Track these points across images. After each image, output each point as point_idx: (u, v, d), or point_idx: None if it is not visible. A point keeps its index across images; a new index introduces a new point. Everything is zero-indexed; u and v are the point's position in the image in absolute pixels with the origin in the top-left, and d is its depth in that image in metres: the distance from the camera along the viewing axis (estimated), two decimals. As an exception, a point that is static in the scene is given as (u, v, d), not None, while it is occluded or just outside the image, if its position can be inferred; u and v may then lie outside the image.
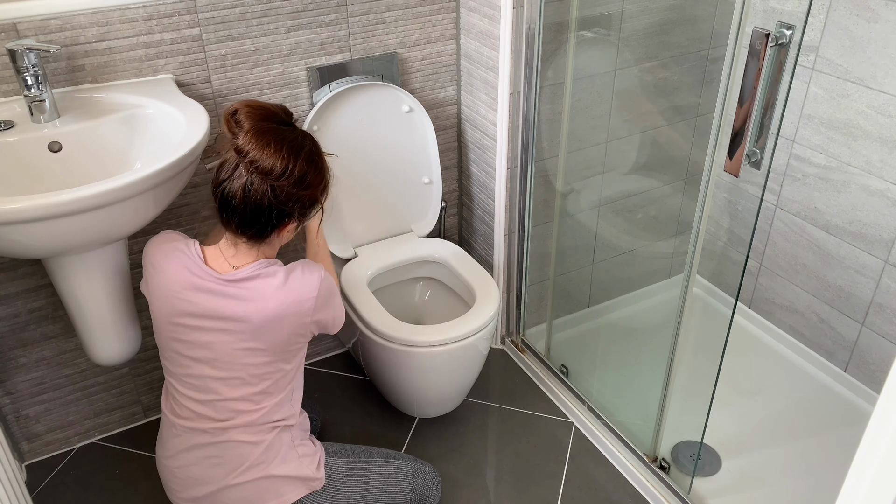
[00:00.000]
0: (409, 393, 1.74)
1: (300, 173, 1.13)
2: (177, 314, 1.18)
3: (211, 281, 1.17)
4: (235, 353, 1.18)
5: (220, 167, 1.14)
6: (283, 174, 1.11)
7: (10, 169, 1.32)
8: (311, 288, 1.19)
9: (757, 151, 1.23)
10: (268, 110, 1.15)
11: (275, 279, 1.17)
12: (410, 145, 1.82)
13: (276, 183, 1.11)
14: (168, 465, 1.28)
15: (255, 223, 1.15)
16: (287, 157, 1.11)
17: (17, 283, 1.55)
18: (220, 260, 1.19)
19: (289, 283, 1.18)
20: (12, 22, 1.35)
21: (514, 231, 1.93)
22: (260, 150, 1.10)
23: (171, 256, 1.20)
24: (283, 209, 1.14)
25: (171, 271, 1.19)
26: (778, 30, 1.14)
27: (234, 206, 1.13)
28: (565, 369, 1.92)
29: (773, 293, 2.08)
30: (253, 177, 1.10)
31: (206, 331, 1.18)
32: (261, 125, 1.12)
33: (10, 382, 1.64)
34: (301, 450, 1.28)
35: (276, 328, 1.17)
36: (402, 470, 1.41)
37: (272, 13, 1.58)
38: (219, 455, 1.23)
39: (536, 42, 1.66)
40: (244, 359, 1.19)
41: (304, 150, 1.14)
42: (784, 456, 1.75)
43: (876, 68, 1.66)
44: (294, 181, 1.12)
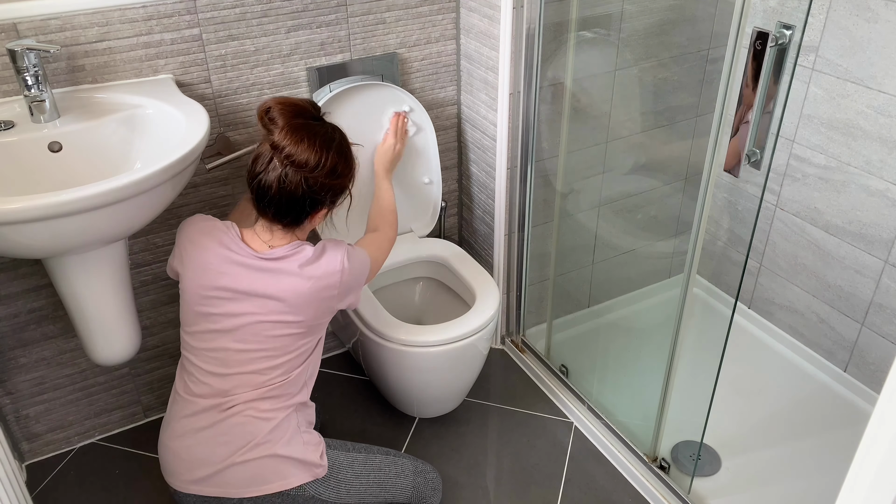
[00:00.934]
0: (409, 393, 1.74)
1: (332, 165, 1.21)
2: (211, 287, 1.24)
3: (249, 257, 1.23)
4: (263, 325, 1.23)
5: (255, 160, 1.21)
6: (316, 167, 1.19)
7: (10, 169, 1.32)
8: (336, 267, 1.26)
9: (757, 151, 1.23)
10: (299, 106, 1.22)
11: (309, 258, 1.24)
12: (410, 145, 1.82)
13: (309, 175, 1.19)
14: (172, 445, 1.29)
15: (291, 211, 1.22)
16: (320, 151, 1.19)
17: (17, 283, 1.55)
18: (256, 241, 1.26)
19: (322, 259, 1.25)
20: (12, 22, 1.35)
21: (514, 231, 1.93)
22: (295, 145, 1.17)
23: (211, 234, 1.26)
24: (315, 198, 1.22)
25: (211, 247, 1.25)
26: (778, 30, 1.14)
27: (271, 196, 1.20)
28: (565, 369, 1.92)
29: (773, 293, 2.08)
30: (287, 169, 1.18)
31: (239, 302, 1.23)
32: (294, 121, 1.19)
33: (10, 382, 1.64)
34: (306, 437, 1.31)
35: (309, 304, 1.24)
36: (403, 467, 1.42)
37: (272, 13, 1.58)
38: (227, 432, 1.25)
39: (536, 42, 1.66)
40: (270, 331, 1.24)
41: (335, 143, 1.23)
42: (784, 456, 1.75)
43: (876, 68, 1.66)
44: (327, 172, 1.20)
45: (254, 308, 1.23)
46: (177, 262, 1.30)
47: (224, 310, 1.24)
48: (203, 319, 1.26)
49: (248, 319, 1.23)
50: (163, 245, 1.68)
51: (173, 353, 1.82)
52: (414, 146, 1.82)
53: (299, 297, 1.23)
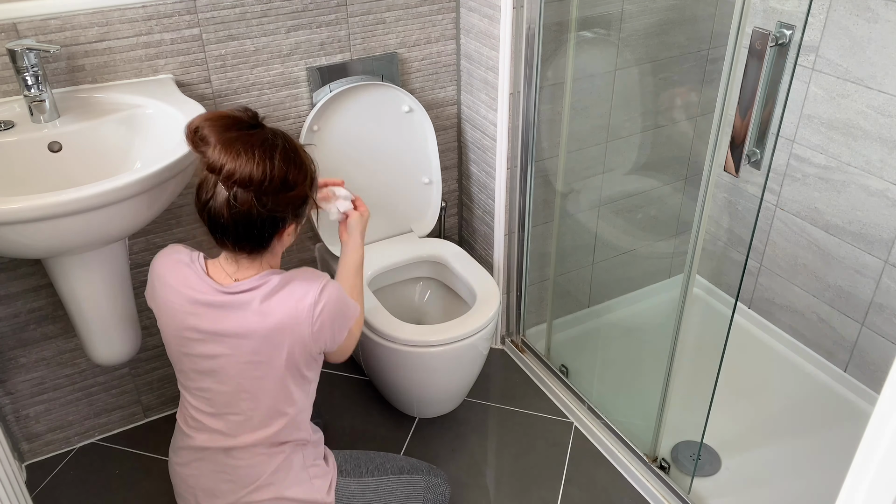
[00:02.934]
0: (409, 393, 1.74)
1: (280, 175, 1.06)
2: (183, 327, 1.16)
3: (211, 294, 1.13)
4: (241, 366, 1.15)
5: (199, 188, 1.09)
6: (263, 180, 1.04)
7: (10, 169, 1.32)
8: (310, 297, 1.13)
9: (757, 151, 1.23)
10: (230, 118, 1.08)
11: (273, 289, 1.13)
12: (410, 145, 1.82)
13: (259, 192, 1.05)
14: (180, 472, 1.28)
15: (250, 237, 1.10)
16: (262, 162, 1.04)
17: (17, 283, 1.55)
18: (221, 273, 1.16)
19: (286, 291, 1.13)
20: (12, 22, 1.35)
21: (514, 231, 1.93)
22: (233, 161, 1.03)
23: (175, 270, 1.17)
24: (273, 216, 1.09)
25: (175, 285, 1.16)
26: (778, 30, 1.14)
27: (224, 224, 1.07)
28: (565, 369, 1.92)
29: (773, 293, 2.08)
30: (234, 190, 1.04)
31: (210, 343, 1.15)
32: (226, 135, 1.05)
33: (10, 382, 1.64)
34: (313, 471, 1.25)
35: (279, 341, 1.13)
36: (415, 486, 1.39)
37: (272, 13, 1.58)
38: (230, 473, 1.21)
39: (536, 42, 1.65)
40: (250, 372, 1.16)
41: (279, 149, 1.07)
42: (784, 456, 1.75)
43: (876, 68, 1.66)
44: (278, 185, 1.06)
45: (225, 349, 1.14)
46: (149, 298, 1.23)
47: (199, 351, 1.16)
48: (185, 359, 1.18)
49: (223, 362, 1.15)
50: (162, 245, 1.68)
51: (173, 353, 1.82)
52: (414, 146, 1.82)
53: (263, 335, 1.12)
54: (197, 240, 1.71)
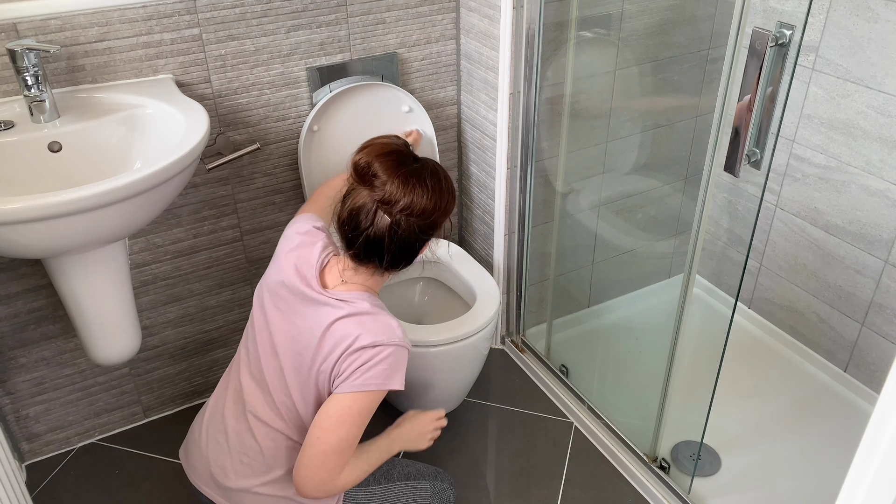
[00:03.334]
0: (408, 393, 1.74)
1: (443, 205, 1.17)
2: (272, 286, 1.21)
3: (306, 288, 1.18)
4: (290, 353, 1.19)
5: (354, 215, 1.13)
6: (434, 211, 1.15)
7: (10, 169, 1.32)
8: (364, 341, 1.12)
9: (757, 151, 1.23)
10: (398, 153, 1.16)
11: (353, 313, 1.15)
12: (410, 145, 1.81)
13: (424, 219, 1.15)
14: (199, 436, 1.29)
15: (404, 258, 1.18)
16: (434, 195, 1.15)
17: (17, 283, 1.55)
18: (334, 272, 1.20)
19: (358, 321, 1.14)
20: (12, 22, 1.35)
21: (514, 231, 1.93)
22: (409, 196, 1.12)
23: (305, 248, 1.22)
24: (426, 238, 1.19)
25: (287, 268, 1.20)
26: (778, 30, 1.14)
27: (383, 249, 1.14)
28: (565, 369, 1.92)
29: (773, 293, 2.08)
30: (398, 217, 1.12)
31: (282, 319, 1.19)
32: (400, 171, 1.13)
33: (10, 382, 1.64)
34: None
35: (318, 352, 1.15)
36: (421, 492, 1.39)
37: (272, 13, 1.58)
38: (249, 453, 1.23)
39: (536, 42, 1.66)
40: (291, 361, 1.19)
41: (441, 179, 1.18)
42: (784, 456, 1.75)
43: (876, 68, 1.66)
44: (441, 213, 1.17)
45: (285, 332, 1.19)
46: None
47: (269, 315, 1.22)
48: (258, 314, 1.24)
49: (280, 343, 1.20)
50: (163, 245, 1.68)
51: (173, 353, 1.82)
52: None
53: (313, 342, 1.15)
54: (197, 240, 1.71)
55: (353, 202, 1.14)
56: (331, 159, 1.73)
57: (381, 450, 1.28)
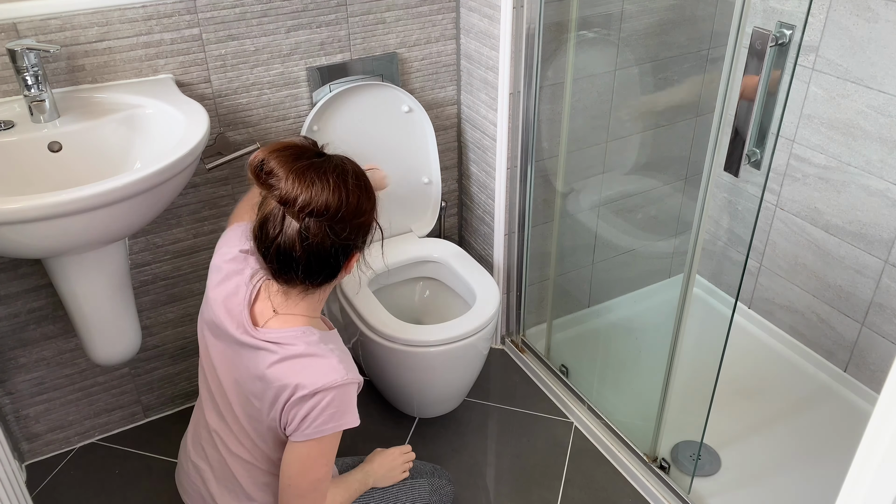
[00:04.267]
0: (409, 393, 1.74)
1: (354, 201, 1.03)
2: (208, 323, 1.17)
3: (238, 330, 1.11)
4: (237, 397, 1.15)
5: (263, 224, 1.03)
6: (339, 207, 1.01)
7: (10, 169, 1.32)
8: (306, 388, 1.05)
9: (757, 151, 1.23)
10: (297, 147, 1.04)
11: (290, 357, 1.08)
12: (410, 145, 1.82)
13: (333, 220, 1.01)
14: (185, 465, 1.29)
15: (323, 268, 1.05)
16: (338, 189, 1.01)
17: (17, 283, 1.55)
18: (266, 307, 1.12)
19: (297, 366, 1.07)
20: (12, 22, 1.35)
21: (514, 231, 1.93)
22: (308, 191, 0.98)
23: (232, 279, 1.15)
24: (346, 244, 1.05)
25: (219, 301, 1.14)
26: (778, 30, 1.14)
27: (296, 258, 1.02)
28: (565, 369, 1.92)
29: (773, 293, 2.08)
30: (307, 222, 1.00)
31: (215, 355, 1.16)
32: (297, 165, 1.00)
33: (10, 382, 1.64)
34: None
35: (263, 399, 1.09)
36: (420, 490, 1.39)
37: (272, 13, 1.58)
38: (231, 483, 1.22)
39: (536, 42, 1.66)
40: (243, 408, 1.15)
41: (350, 174, 1.04)
42: (784, 456, 1.75)
43: (876, 68, 1.66)
44: (352, 212, 1.03)
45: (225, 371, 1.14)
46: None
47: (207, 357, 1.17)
48: (203, 353, 1.20)
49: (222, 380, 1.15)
50: (163, 245, 1.68)
51: (173, 353, 1.82)
52: (414, 146, 1.82)
53: (254, 389, 1.09)
54: (197, 240, 1.71)
55: (262, 210, 1.03)
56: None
57: (359, 481, 1.29)
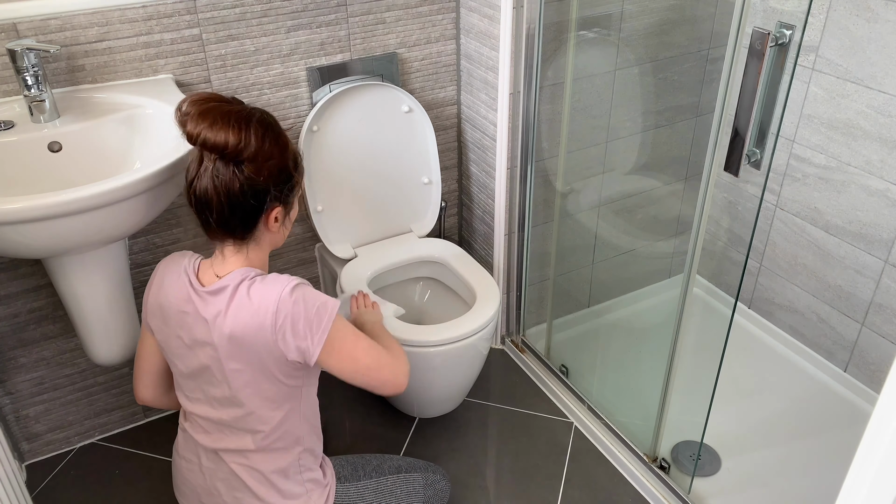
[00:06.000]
0: (409, 393, 1.74)
1: (258, 141, 1.07)
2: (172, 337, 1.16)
3: (186, 300, 1.12)
4: (221, 369, 1.14)
5: (187, 169, 1.10)
6: (238, 145, 1.05)
7: (10, 169, 1.32)
8: (270, 300, 1.08)
9: (757, 151, 1.24)
10: (211, 94, 1.11)
11: (241, 291, 1.10)
12: (410, 145, 1.82)
13: (239, 160, 1.06)
14: (179, 463, 1.28)
15: (235, 215, 1.09)
16: (238, 127, 1.05)
17: (17, 283, 1.55)
18: (208, 272, 1.14)
19: (249, 295, 1.09)
20: (12, 22, 1.35)
21: (514, 231, 1.93)
22: (209, 129, 1.04)
23: (174, 271, 1.17)
24: (256, 189, 1.08)
25: (170, 285, 1.16)
26: (778, 30, 1.14)
27: (208, 201, 1.08)
28: (565, 369, 1.92)
29: (773, 293, 2.08)
30: (217, 164, 1.06)
31: (195, 347, 1.14)
32: (204, 106, 1.07)
33: (10, 382, 1.64)
34: (309, 484, 1.24)
35: (246, 345, 1.10)
36: (414, 484, 1.39)
37: (272, 13, 1.58)
38: (224, 477, 1.21)
39: (536, 42, 1.66)
40: (230, 376, 1.13)
41: (255, 117, 1.08)
42: (784, 456, 1.75)
43: (876, 68, 1.66)
44: (254, 151, 1.06)
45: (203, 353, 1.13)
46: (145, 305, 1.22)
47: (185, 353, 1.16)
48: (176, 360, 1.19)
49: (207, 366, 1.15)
50: (162, 245, 1.68)
51: (173, 353, 1.82)
52: (414, 146, 1.82)
53: (229, 343, 1.09)
54: (197, 240, 1.71)
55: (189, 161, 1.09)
56: (330, 159, 1.73)
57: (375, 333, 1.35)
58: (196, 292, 1.12)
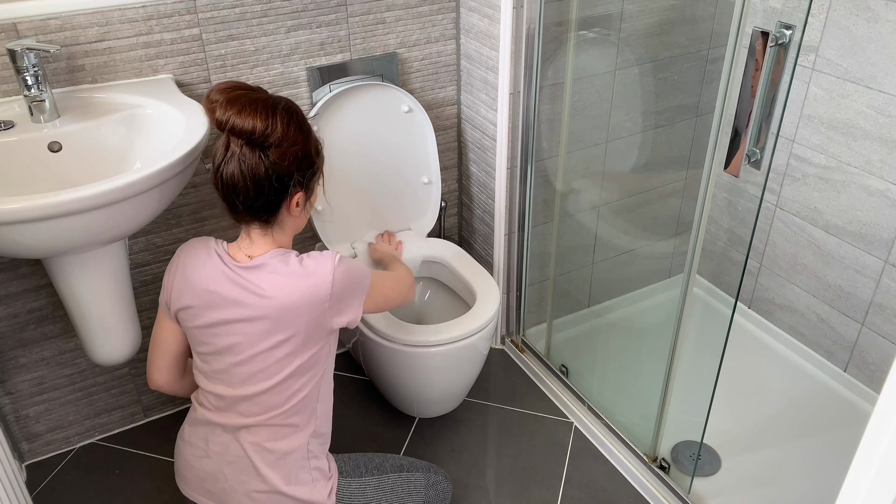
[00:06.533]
0: (409, 393, 1.74)
1: (283, 128, 1.12)
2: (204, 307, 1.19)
3: (232, 269, 1.17)
4: (256, 343, 1.18)
5: (214, 155, 1.14)
6: (265, 131, 1.11)
7: (10, 169, 1.32)
8: (326, 272, 1.17)
9: (757, 151, 1.23)
10: (238, 82, 1.17)
11: (286, 266, 1.17)
12: (410, 145, 1.82)
13: (265, 146, 1.11)
14: (184, 451, 1.28)
15: (260, 198, 1.14)
16: (264, 114, 1.11)
17: (17, 283, 1.55)
18: (238, 253, 1.20)
19: (302, 268, 1.17)
20: (12, 22, 1.35)
21: (514, 231, 1.93)
22: (237, 115, 1.10)
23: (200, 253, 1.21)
24: (280, 173, 1.13)
25: (199, 266, 1.20)
26: (778, 30, 1.14)
27: (235, 185, 1.13)
28: (565, 369, 1.92)
29: (773, 293, 2.08)
30: (243, 149, 1.11)
31: (229, 323, 1.18)
32: (232, 94, 1.12)
33: (10, 382, 1.64)
34: (315, 473, 1.26)
35: (294, 316, 1.16)
36: (415, 483, 1.39)
37: (272, 13, 1.58)
38: (233, 460, 1.22)
39: (536, 42, 1.66)
40: (265, 349, 1.18)
41: (281, 105, 1.14)
42: (784, 456, 1.75)
43: (876, 68, 1.66)
44: (279, 137, 1.12)
45: (245, 327, 1.17)
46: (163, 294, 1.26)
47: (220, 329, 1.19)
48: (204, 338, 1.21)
49: (244, 340, 1.18)
50: (162, 245, 1.68)
51: (173, 353, 1.82)
52: (413, 146, 1.82)
53: (281, 310, 1.15)
54: (197, 240, 1.71)
55: (214, 145, 1.14)
56: (330, 159, 1.73)
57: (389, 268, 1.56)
58: (232, 269, 1.17)
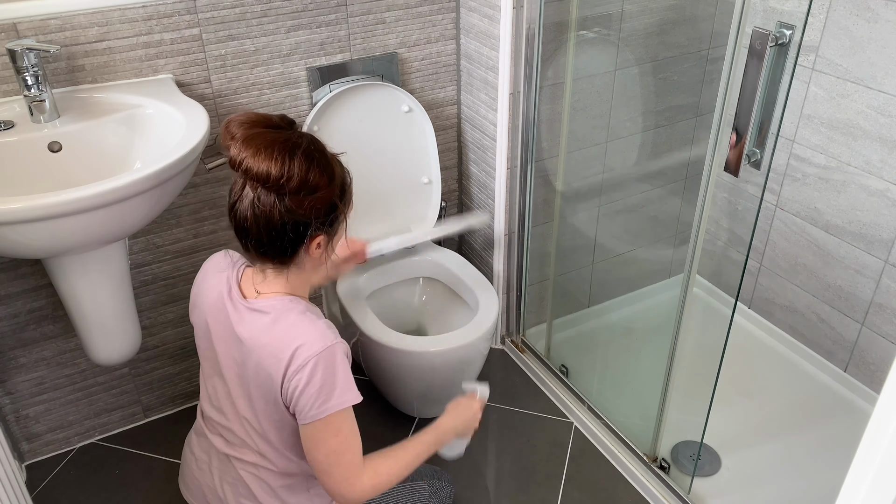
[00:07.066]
0: (409, 393, 1.74)
1: (301, 175, 1.01)
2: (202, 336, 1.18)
3: (235, 304, 1.12)
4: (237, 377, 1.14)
5: (230, 191, 1.06)
6: (280, 178, 1.00)
7: (10, 169, 1.32)
8: (303, 354, 1.04)
9: (757, 151, 1.23)
10: (261, 117, 1.05)
11: (280, 321, 1.07)
12: (410, 145, 1.82)
13: (281, 192, 1.01)
14: (190, 459, 1.28)
15: (272, 242, 1.05)
16: (281, 159, 1.00)
17: (17, 283, 1.55)
18: (249, 287, 1.13)
19: (289, 329, 1.06)
20: (12, 22, 1.35)
21: (514, 231, 1.93)
22: (252, 157, 0.99)
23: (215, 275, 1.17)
24: (297, 220, 1.03)
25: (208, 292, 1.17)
26: (778, 30, 1.14)
27: (248, 227, 1.04)
28: (565, 369, 1.92)
29: (773, 293, 2.08)
30: (258, 192, 1.01)
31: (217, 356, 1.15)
32: (250, 132, 1.02)
33: (10, 382, 1.64)
34: (316, 500, 1.24)
35: (261, 373, 1.08)
36: (420, 491, 1.38)
37: (272, 13, 1.58)
38: (233, 481, 1.21)
39: (536, 42, 1.65)
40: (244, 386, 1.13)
41: (301, 148, 1.02)
42: (784, 456, 1.75)
43: (876, 68, 1.66)
44: (296, 185, 1.01)
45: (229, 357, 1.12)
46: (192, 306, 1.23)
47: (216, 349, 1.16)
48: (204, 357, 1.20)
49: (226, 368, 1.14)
50: (163, 245, 1.68)
51: (173, 354, 1.82)
52: (413, 146, 1.82)
53: (250, 360, 1.08)
54: (197, 240, 1.71)
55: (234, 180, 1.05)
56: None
57: (426, 443, 1.23)
58: (233, 303, 1.11)
